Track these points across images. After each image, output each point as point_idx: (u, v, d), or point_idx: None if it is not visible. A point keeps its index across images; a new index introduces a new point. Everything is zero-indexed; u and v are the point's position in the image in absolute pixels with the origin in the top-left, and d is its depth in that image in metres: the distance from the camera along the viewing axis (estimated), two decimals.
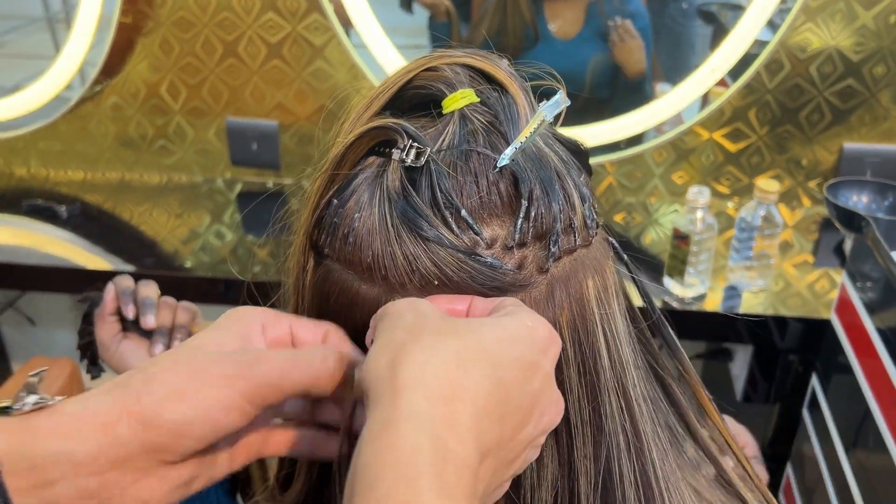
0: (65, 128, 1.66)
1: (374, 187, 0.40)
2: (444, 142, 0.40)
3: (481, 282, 0.38)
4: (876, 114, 1.43)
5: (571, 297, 0.40)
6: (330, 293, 0.41)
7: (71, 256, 1.46)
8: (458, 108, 0.40)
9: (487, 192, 0.39)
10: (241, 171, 1.66)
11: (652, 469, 0.43)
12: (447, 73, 0.41)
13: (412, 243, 0.38)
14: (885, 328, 1.01)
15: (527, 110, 0.41)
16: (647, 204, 1.57)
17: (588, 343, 0.41)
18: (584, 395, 0.41)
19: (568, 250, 0.40)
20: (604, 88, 1.63)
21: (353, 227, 0.39)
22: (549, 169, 0.40)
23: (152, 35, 1.53)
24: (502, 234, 0.39)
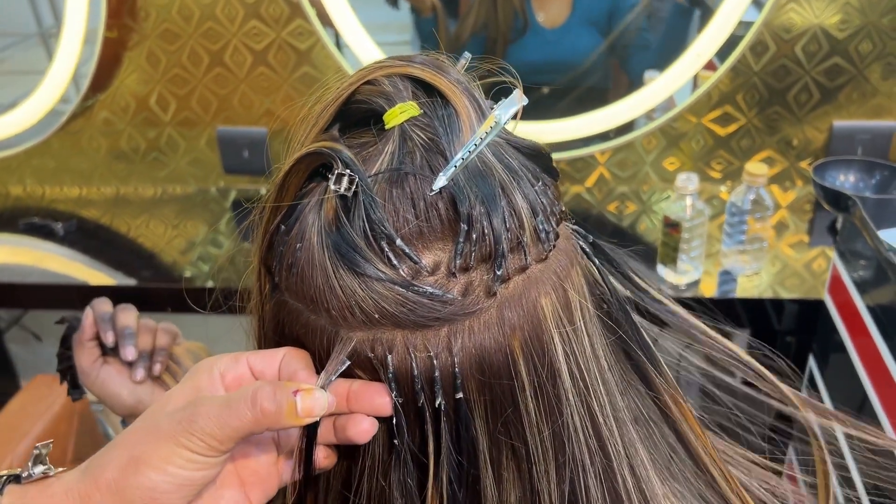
0: (58, 144, 1.67)
1: (315, 216, 0.38)
2: (383, 163, 0.38)
3: (423, 314, 0.37)
4: (864, 91, 1.43)
5: (525, 318, 0.38)
6: (284, 321, 0.41)
7: (71, 272, 1.47)
8: (398, 124, 0.38)
9: (426, 216, 0.37)
10: (234, 179, 1.67)
11: (624, 489, 0.41)
12: (386, 87, 0.39)
13: (349, 278, 0.37)
14: (875, 306, 1.02)
15: (472, 120, 0.39)
16: (639, 192, 1.57)
17: (545, 365, 0.39)
18: (543, 418, 0.39)
19: (518, 269, 0.38)
20: (594, 76, 1.63)
21: (296, 258, 0.38)
22: (493, 184, 0.38)
23: (138, 48, 1.54)
24: (445, 258, 0.38)
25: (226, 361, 0.41)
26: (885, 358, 0.97)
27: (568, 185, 1.58)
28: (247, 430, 0.37)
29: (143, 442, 0.37)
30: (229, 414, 0.37)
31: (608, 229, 1.48)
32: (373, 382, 0.39)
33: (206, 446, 0.37)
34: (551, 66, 1.59)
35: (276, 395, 0.37)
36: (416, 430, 0.39)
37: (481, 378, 0.38)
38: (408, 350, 0.38)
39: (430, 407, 0.38)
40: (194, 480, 0.37)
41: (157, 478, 0.36)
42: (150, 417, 0.39)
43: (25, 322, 1.92)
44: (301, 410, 0.37)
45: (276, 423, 0.37)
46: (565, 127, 1.53)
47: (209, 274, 1.42)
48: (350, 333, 0.38)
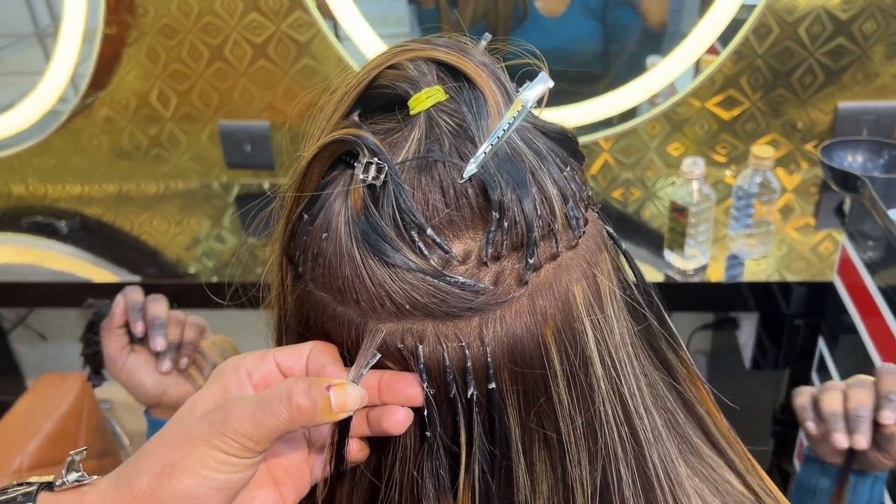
0: (59, 143, 1.66)
1: (341, 205, 0.37)
2: (409, 150, 0.37)
3: (455, 304, 0.36)
4: (868, 71, 1.42)
5: (556, 307, 0.38)
6: (309, 313, 0.40)
7: (75, 270, 1.47)
8: (424, 109, 0.37)
9: (456, 205, 0.36)
10: (237, 174, 1.66)
11: (655, 475, 0.41)
12: (410, 71, 0.38)
13: (379, 268, 0.36)
14: (886, 287, 1.01)
15: (499, 105, 0.38)
16: (644, 178, 1.56)
17: (577, 353, 0.38)
18: (576, 406, 0.39)
19: (550, 257, 0.38)
20: (595, 63, 1.62)
21: (321, 248, 0.37)
22: (524, 170, 0.37)
23: (138, 44, 1.53)
24: (476, 247, 0.37)
25: (252, 360, 0.40)
26: None
27: None
28: (283, 429, 0.36)
29: (175, 448, 0.37)
30: (264, 413, 0.36)
31: (614, 216, 1.47)
32: (404, 373, 0.38)
33: (241, 447, 0.36)
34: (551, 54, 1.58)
35: (311, 391, 0.36)
36: (447, 421, 0.39)
37: (514, 367, 0.37)
38: (439, 340, 0.37)
39: (462, 397, 0.38)
40: (231, 483, 0.37)
41: (193, 483, 0.36)
42: (179, 422, 0.38)
43: (30, 322, 1.92)
44: (335, 406, 0.37)
45: (312, 420, 0.36)
46: (568, 114, 1.52)
47: (214, 269, 1.42)
48: (379, 324, 0.37)
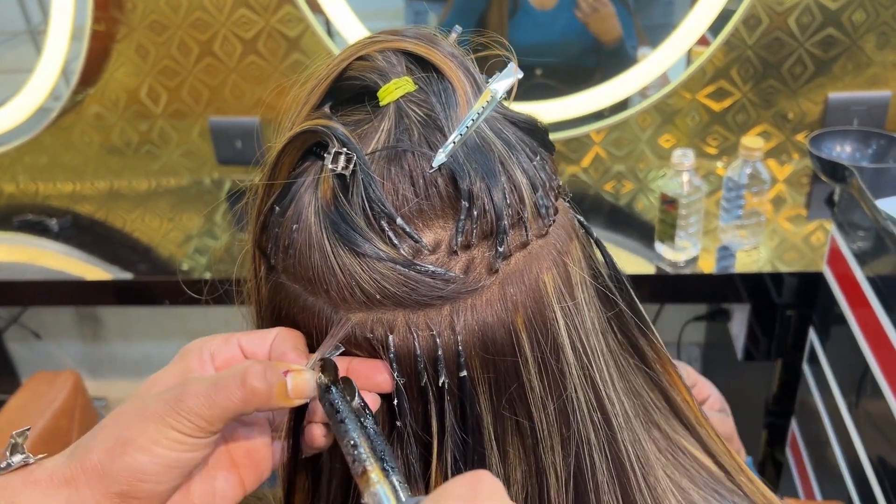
0: (49, 140, 1.66)
1: (311, 196, 0.38)
2: (379, 141, 0.37)
3: (425, 293, 0.36)
4: (859, 61, 1.42)
5: (527, 295, 0.38)
6: (281, 305, 0.40)
7: (68, 268, 1.47)
8: (393, 100, 0.38)
9: (426, 194, 0.37)
10: (229, 170, 1.66)
11: (627, 459, 0.42)
12: (379, 62, 0.39)
13: (349, 258, 0.36)
14: (875, 277, 1.01)
15: (468, 95, 0.38)
16: (635, 170, 1.56)
17: (548, 341, 0.39)
18: (548, 393, 0.39)
19: (520, 245, 0.38)
20: (587, 56, 1.62)
21: (292, 240, 0.38)
22: (493, 159, 0.37)
23: (127, 41, 1.53)
24: (446, 236, 0.37)
25: (217, 342, 0.40)
26: (886, 329, 0.97)
27: (564, 165, 1.57)
28: (236, 410, 0.36)
29: (129, 423, 0.37)
30: (218, 393, 0.36)
31: (605, 209, 1.47)
32: (371, 359, 0.38)
33: (193, 427, 0.36)
34: (543, 48, 1.58)
35: (267, 374, 0.36)
36: (419, 410, 0.39)
37: (485, 355, 0.38)
38: (409, 330, 0.37)
39: (433, 386, 0.38)
40: (182, 462, 0.36)
41: (144, 459, 0.36)
42: (138, 399, 0.38)
43: (24, 320, 1.92)
44: (292, 391, 0.37)
45: (266, 404, 0.37)
46: (559, 107, 1.51)
47: (207, 266, 1.42)
48: (349, 314, 0.38)
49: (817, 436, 1.22)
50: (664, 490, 0.43)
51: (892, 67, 1.42)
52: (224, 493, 0.40)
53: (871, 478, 1.03)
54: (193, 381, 0.37)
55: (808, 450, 1.29)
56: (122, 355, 1.99)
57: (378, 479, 0.35)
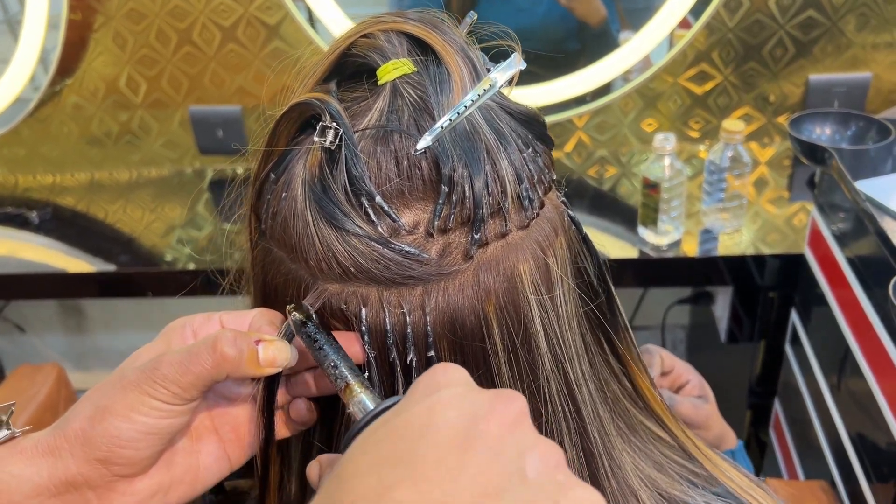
0: (27, 132, 1.64)
1: (301, 167, 0.39)
2: (372, 119, 0.38)
3: (397, 271, 0.37)
4: (839, 43, 1.42)
5: (501, 283, 0.38)
6: (267, 269, 0.41)
7: (50, 261, 1.46)
8: (390, 80, 0.38)
9: (408, 175, 0.37)
10: (210, 160, 1.65)
11: (596, 450, 0.42)
12: (381, 42, 0.39)
13: (327, 231, 0.37)
14: (854, 258, 1.02)
15: (464, 81, 0.39)
16: (618, 155, 1.57)
17: (520, 330, 0.39)
18: (516, 380, 0.40)
19: (498, 235, 0.38)
20: (570, 41, 1.61)
21: (280, 207, 0.39)
22: (479, 147, 0.38)
23: (104, 30, 1.51)
24: (425, 218, 0.38)
25: (199, 319, 0.41)
26: (865, 309, 0.98)
27: None
28: (208, 377, 0.37)
29: (109, 393, 0.38)
30: (190, 360, 0.37)
31: (589, 193, 1.47)
32: (346, 332, 0.39)
33: (169, 394, 0.37)
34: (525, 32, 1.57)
35: (238, 341, 0.37)
36: (387, 386, 0.40)
37: (453, 338, 0.38)
38: (382, 306, 0.38)
39: (401, 363, 0.39)
40: (159, 428, 0.37)
41: (123, 425, 0.37)
42: (119, 371, 0.39)
43: (7, 314, 1.90)
44: (263, 360, 0.38)
45: (237, 370, 0.38)
46: (542, 91, 1.51)
47: (190, 256, 1.41)
48: (327, 284, 0.38)
49: (800, 415, 1.24)
50: (631, 479, 0.44)
51: (871, 49, 1.42)
52: (208, 467, 0.41)
53: (851, 456, 1.04)
54: (170, 351, 0.38)
55: (791, 429, 1.31)
56: (106, 347, 1.98)
57: (360, 390, 0.37)
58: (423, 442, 0.30)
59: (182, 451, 0.40)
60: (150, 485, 0.39)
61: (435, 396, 0.32)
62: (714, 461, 0.49)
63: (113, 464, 0.37)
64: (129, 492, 0.38)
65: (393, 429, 0.31)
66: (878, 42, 1.42)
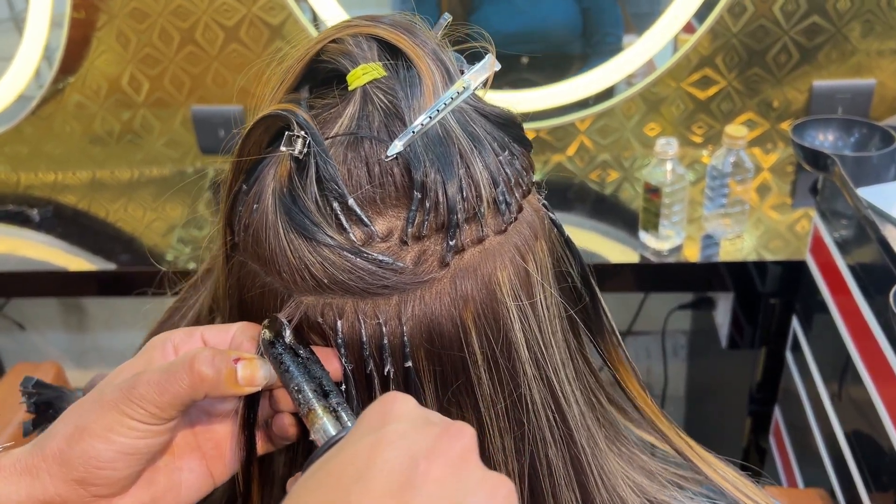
0: (30, 130, 1.64)
1: (272, 178, 0.38)
2: (342, 126, 0.37)
3: (371, 281, 0.36)
4: (843, 49, 1.41)
5: (479, 290, 0.37)
6: (242, 283, 0.40)
7: (51, 259, 1.46)
8: (360, 85, 0.38)
9: (380, 182, 0.36)
10: (212, 159, 1.65)
11: (584, 457, 0.41)
12: (350, 47, 0.39)
13: (298, 242, 0.36)
14: (856, 265, 1.01)
15: (436, 85, 0.38)
16: (620, 159, 1.56)
17: (500, 338, 0.38)
18: (497, 390, 0.39)
19: (475, 241, 0.37)
20: (570, 44, 1.61)
21: (252, 219, 0.38)
22: (452, 152, 0.37)
23: (107, 28, 1.51)
24: (399, 225, 0.37)
25: (180, 335, 0.40)
26: (866, 317, 0.97)
27: (549, 154, 1.57)
28: (185, 396, 0.37)
29: (87, 412, 0.37)
30: (167, 380, 0.36)
31: (591, 197, 1.47)
32: (323, 348, 0.38)
33: (146, 414, 0.36)
34: (527, 35, 1.57)
35: (215, 360, 0.37)
36: (366, 398, 0.39)
37: (430, 348, 0.37)
38: (357, 316, 0.37)
39: (378, 374, 0.38)
40: (138, 449, 0.37)
41: (101, 446, 0.36)
42: (99, 389, 0.39)
43: (8, 311, 1.90)
44: (241, 379, 0.37)
45: (216, 390, 0.37)
46: (544, 95, 1.51)
47: (191, 255, 1.41)
48: (301, 297, 0.38)
49: (800, 423, 1.23)
50: (621, 486, 0.43)
51: (876, 56, 1.42)
52: (190, 484, 0.40)
53: (851, 464, 1.03)
54: (148, 370, 0.37)
55: (791, 436, 1.30)
56: (106, 346, 1.98)
57: (322, 414, 0.36)
58: (358, 488, 0.29)
59: (163, 468, 0.40)
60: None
61: (378, 434, 0.31)
62: (708, 461, 0.48)
63: (91, 484, 0.37)
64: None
65: (330, 471, 0.30)
66: (882, 49, 1.41)
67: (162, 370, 0.37)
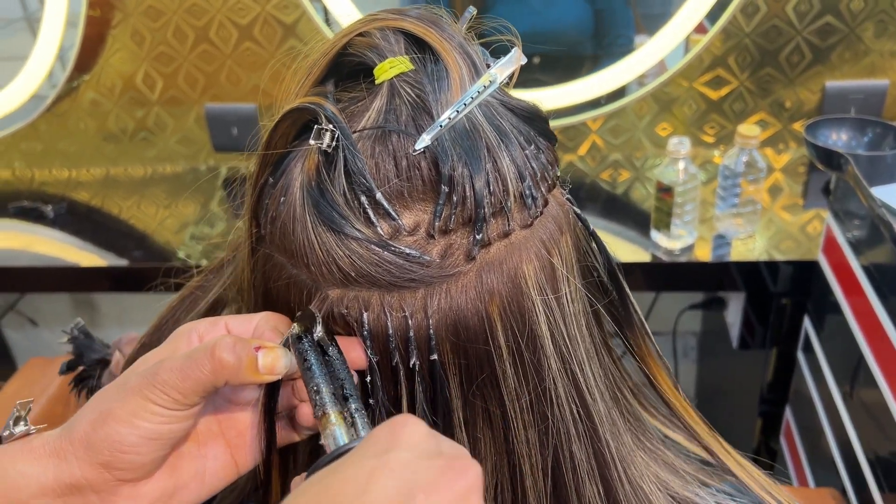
0: (45, 127, 1.65)
1: (299, 171, 0.38)
2: (369, 120, 0.37)
3: (398, 274, 0.36)
4: (856, 50, 1.41)
5: (505, 284, 0.37)
6: (268, 275, 0.40)
7: (64, 255, 1.47)
8: (388, 79, 0.38)
9: (408, 175, 0.36)
10: (225, 157, 1.65)
11: (609, 452, 0.41)
12: (377, 40, 0.39)
13: (326, 236, 0.36)
14: (870, 265, 1.01)
15: (463, 79, 0.38)
16: (632, 159, 1.56)
17: (525, 331, 0.38)
18: (522, 383, 0.39)
19: (501, 234, 0.38)
20: (586, 45, 1.61)
21: (279, 211, 0.38)
22: (480, 146, 0.37)
23: (122, 26, 1.52)
24: (426, 219, 0.37)
25: (204, 325, 0.41)
26: (880, 317, 0.97)
27: (560, 153, 1.57)
28: (207, 382, 0.37)
29: (113, 398, 0.38)
30: (189, 366, 0.37)
31: (602, 197, 1.47)
32: (349, 338, 0.39)
33: (169, 399, 0.37)
34: (539, 35, 1.57)
35: (236, 348, 0.37)
36: (390, 389, 0.39)
37: (456, 340, 0.38)
38: (384, 309, 0.37)
39: (404, 366, 0.38)
40: (161, 434, 0.37)
41: (125, 431, 0.37)
42: (123, 376, 0.39)
43: (21, 307, 1.92)
44: (262, 367, 0.38)
45: (236, 377, 0.37)
46: (556, 94, 1.51)
47: (203, 253, 1.41)
48: (328, 290, 0.38)
49: (811, 424, 1.23)
50: (646, 482, 0.43)
51: (889, 56, 1.41)
52: (215, 472, 0.41)
53: (863, 466, 1.03)
54: (170, 357, 0.38)
55: (802, 438, 1.30)
56: None
57: (335, 420, 0.36)
58: None
59: (188, 455, 0.40)
60: (154, 489, 0.39)
61: (382, 458, 0.31)
62: (740, 461, 0.48)
63: (116, 468, 0.37)
64: (133, 496, 0.38)
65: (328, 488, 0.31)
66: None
67: (184, 357, 0.37)
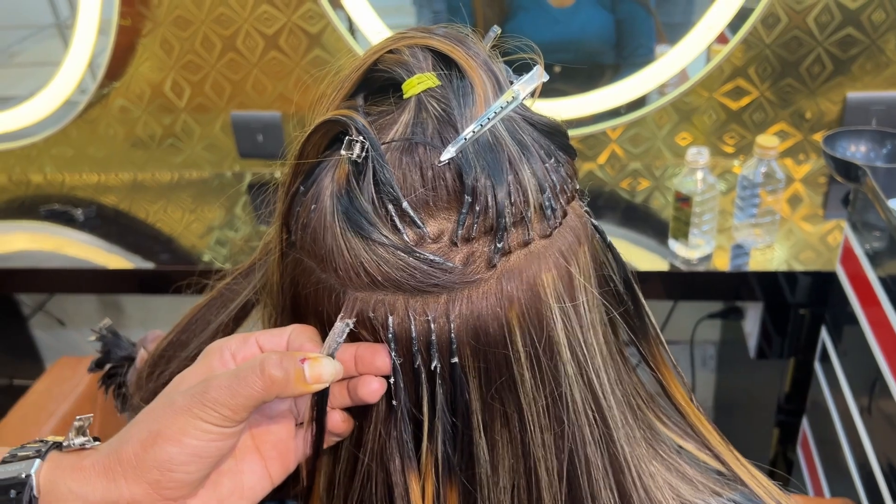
0: (75, 133, 1.70)
1: (330, 180, 0.40)
2: (397, 132, 0.39)
3: (423, 279, 0.38)
4: (878, 61, 1.41)
5: (524, 292, 0.39)
6: (299, 281, 0.42)
7: (92, 257, 1.50)
8: (415, 94, 0.40)
9: (433, 185, 0.38)
10: (249, 164, 1.69)
11: (623, 457, 0.43)
12: (406, 57, 0.41)
13: (355, 241, 0.38)
14: (887, 277, 1.01)
15: (487, 94, 0.40)
16: (652, 168, 1.57)
17: (543, 338, 0.40)
18: (539, 387, 0.40)
19: (521, 244, 0.39)
20: (607, 54, 1.62)
21: (310, 218, 0.40)
22: (502, 158, 0.39)
23: (152, 35, 1.56)
24: (450, 228, 0.39)
25: (236, 342, 0.42)
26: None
27: (580, 162, 1.58)
28: (257, 398, 0.39)
29: (160, 417, 0.39)
30: (239, 383, 0.38)
31: (621, 206, 1.48)
32: (375, 344, 0.40)
33: (219, 416, 0.38)
34: (561, 45, 1.59)
35: (283, 362, 0.39)
36: (412, 391, 0.41)
37: (476, 345, 0.39)
38: (408, 313, 0.39)
39: (426, 369, 0.40)
40: (210, 452, 0.39)
41: (174, 450, 0.38)
42: (166, 396, 0.41)
43: (50, 308, 1.96)
44: (310, 377, 0.39)
45: (286, 390, 0.39)
46: (577, 103, 1.52)
47: (227, 257, 1.44)
48: (355, 294, 0.40)
49: (828, 435, 1.23)
50: (659, 489, 0.44)
51: None
52: (252, 486, 0.42)
53: (879, 479, 1.03)
54: (217, 375, 0.39)
55: (819, 449, 1.29)
56: None
57: None
58: None
59: (227, 472, 0.42)
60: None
61: None
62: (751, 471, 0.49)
63: (164, 487, 0.39)
64: None
65: None
66: None
67: (232, 375, 0.39)
